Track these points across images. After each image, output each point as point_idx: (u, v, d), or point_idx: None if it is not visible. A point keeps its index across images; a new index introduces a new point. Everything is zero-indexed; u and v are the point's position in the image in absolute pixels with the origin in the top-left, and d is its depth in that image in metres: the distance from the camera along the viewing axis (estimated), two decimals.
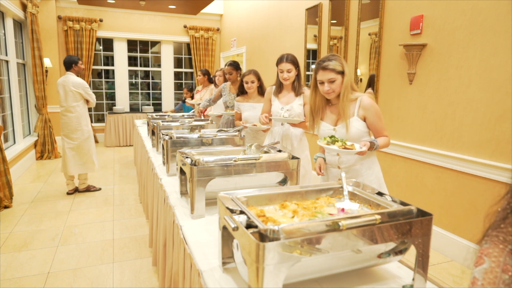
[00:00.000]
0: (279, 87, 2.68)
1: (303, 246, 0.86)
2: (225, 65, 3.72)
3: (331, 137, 1.82)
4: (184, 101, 6.48)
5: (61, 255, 2.86)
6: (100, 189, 4.55)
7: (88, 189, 4.45)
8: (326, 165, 2.07)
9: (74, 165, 4.20)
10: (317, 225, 0.90)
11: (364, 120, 1.92)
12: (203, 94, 5.07)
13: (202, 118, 4.12)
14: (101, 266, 2.69)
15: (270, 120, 2.62)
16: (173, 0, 6.84)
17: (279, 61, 2.63)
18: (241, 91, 3.18)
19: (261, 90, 3.11)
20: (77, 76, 4.15)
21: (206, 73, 5.20)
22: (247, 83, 3.05)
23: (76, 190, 4.43)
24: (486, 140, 2.57)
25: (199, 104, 4.63)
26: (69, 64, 4.09)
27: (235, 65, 3.66)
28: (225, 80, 4.17)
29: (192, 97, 6.21)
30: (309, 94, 2.03)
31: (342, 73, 1.85)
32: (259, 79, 3.08)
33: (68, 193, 4.36)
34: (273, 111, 2.66)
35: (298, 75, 2.63)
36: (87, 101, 4.23)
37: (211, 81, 5.18)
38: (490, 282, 0.57)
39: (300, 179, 1.87)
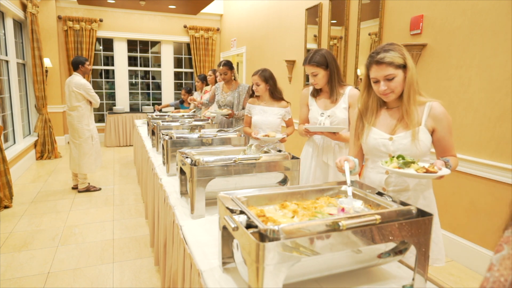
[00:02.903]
0: (315, 88, 2.23)
1: (303, 246, 0.86)
2: (218, 65, 3.68)
3: (398, 157, 1.34)
4: (182, 102, 6.50)
5: (61, 255, 2.86)
6: (100, 189, 4.55)
7: (88, 189, 4.46)
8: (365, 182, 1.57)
9: (73, 163, 4.31)
10: (317, 225, 0.90)
11: (431, 133, 1.49)
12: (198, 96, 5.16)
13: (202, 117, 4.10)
14: (101, 266, 2.69)
15: (309, 132, 2.14)
16: (173, 0, 6.84)
17: (303, 62, 2.18)
18: (253, 92, 2.90)
19: (273, 93, 2.82)
20: (84, 76, 4.25)
21: (204, 79, 5.41)
22: (253, 84, 2.79)
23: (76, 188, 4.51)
24: (486, 140, 2.57)
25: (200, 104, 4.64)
26: (76, 65, 4.21)
27: (229, 65, 3.59)
28: (216, 81, 4.18)
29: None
30: (360, 94, 1.60)
31: (403, 67, 1.42)
32: (266, 81, 2.77)
33: (73, 188, 4.54)
34: (311, 118, 2.22)
35: (331, 76, 2.12)
36: (90, 102, 4.31)
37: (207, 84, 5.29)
38: (506, 267, 0.57)
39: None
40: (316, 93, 2.23)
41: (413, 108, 1.44)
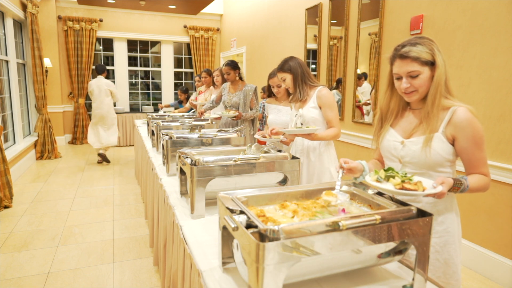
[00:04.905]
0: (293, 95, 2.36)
1: (303, 246, 0.86)
2: (223, 65, 3.67)
3: (387, 170, 1.20)
4: (180, 102, 6.49)
5: (61, 255, 2.86)
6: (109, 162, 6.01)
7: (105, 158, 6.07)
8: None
9: (100, 140, 5.73)
10: (317, 225, 0.90)
11: (453, 142, 1.30)
12: (207, 95, 5.03)
13: (202, 118, 4.09)
14: (101, 266, 2.69)
15: (275, 133, 2.20)
16: (173, 0, 6.84)
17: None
18: (271, 92, 2.81)
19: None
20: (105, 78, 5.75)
21: (211, 73, 5.14)
22: (272, 87, 2.68)
23: (104, 159, 5.94)
24: (486, 140, 2.56)
25: (202, 105, 4.60)
26: (102, 70, 5.70)
27: (232, 65, 3.57)
28: (224, 80, 4.13)
29: (187, 99, 6.21)
30: (383, 93, 1.48)
31: (431, 63, 1.28)
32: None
33: (99, 158, 6.00)
34: (291, 120, 2.34)
35: (295, 79, 2.25)
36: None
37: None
38: None
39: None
40: (293, 97, 2.34)
41: (436, 112, 1.28)
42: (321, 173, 2.26)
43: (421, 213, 1.03)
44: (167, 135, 2.43)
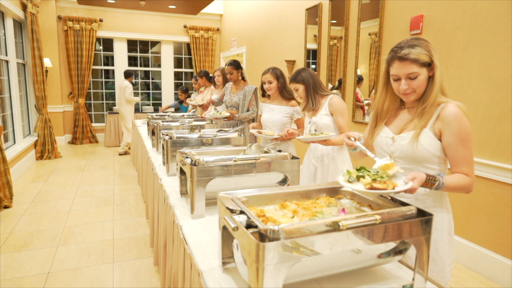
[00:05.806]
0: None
1: (303, 246, 0.86)
2: (226, 65, 3.68)
3: (359, 169, 1.20)
4: (180, 102, 6.51)
5: (61, 255, 2.86)
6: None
7: (126, 152, 6.74)
8: None
9: (127, 137, 6.66)
10: (317, 225, 0.90)
11: (440, 138, 1.32)
12: (205, 95, 5.06)
13: (202, 117, 4.08)
14: (101, 266, 2.69)
15: (291, 134, 2.44)
16: (173, 0, 6.84)
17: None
18: (265, 91, 2.86)
19: (282, 92, 2.78)
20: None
21: (205, 74, 5.23)
22: (264, 83, 2.77)
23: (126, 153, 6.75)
24: (486, 140, 2.57)
25: (201, 105, 4.63)
26: (128, 75, 6.53)
27: (235, 65, 3.57)
28: (225, 80, 4.14)
29: (187, 97, 6.26)
30: (378, 92, 1.49)
31: (428, 65, 1.29)
32: (278, 78, 2.74)
33: (120, 154, 6.76)
34: (305, 126, 2.48)
35: (307, 89, 2.37)
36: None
37: (211, 80, 5.17)
38: None
39: None
40: (306, 106, 2.45)
41: (432, 109, 1.30)
42: (335, 175, 2.38)
43: (421, 213, 1.03)
44: (167, 135, 2.43)
